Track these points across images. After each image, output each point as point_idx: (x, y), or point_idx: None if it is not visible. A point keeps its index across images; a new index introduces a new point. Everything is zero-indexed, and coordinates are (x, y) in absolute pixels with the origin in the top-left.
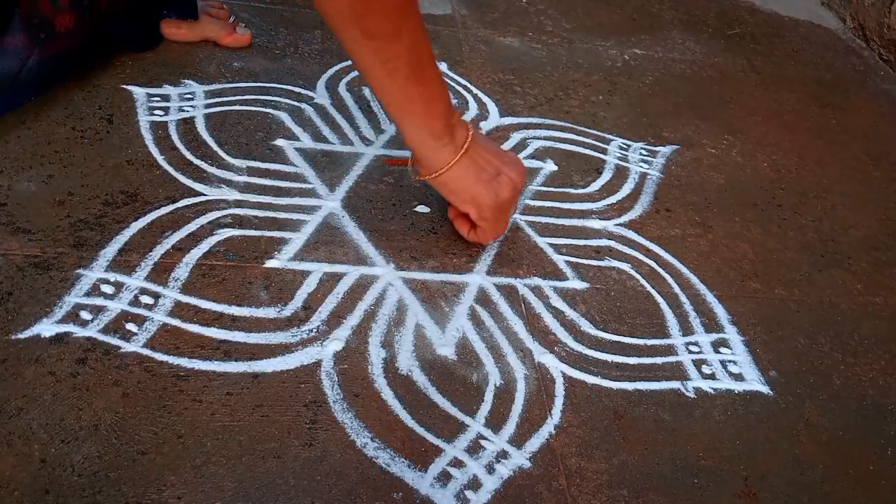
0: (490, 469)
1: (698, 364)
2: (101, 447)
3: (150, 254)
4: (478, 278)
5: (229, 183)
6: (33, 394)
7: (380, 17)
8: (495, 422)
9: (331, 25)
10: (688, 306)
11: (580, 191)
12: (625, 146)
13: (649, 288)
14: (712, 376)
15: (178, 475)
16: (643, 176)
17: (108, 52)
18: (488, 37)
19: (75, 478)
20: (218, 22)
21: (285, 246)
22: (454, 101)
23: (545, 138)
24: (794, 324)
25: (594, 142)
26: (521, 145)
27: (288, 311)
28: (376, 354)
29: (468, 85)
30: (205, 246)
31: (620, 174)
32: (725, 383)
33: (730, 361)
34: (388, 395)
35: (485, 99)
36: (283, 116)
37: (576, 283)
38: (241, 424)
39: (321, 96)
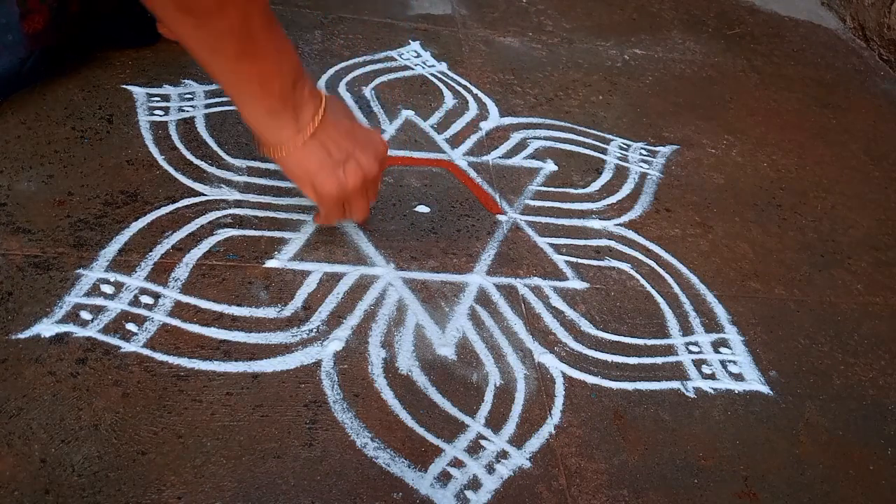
0: (490, 469)
1: (698, 364)
2: (101, 447)
3: (150, 254)
4: (478, 278)
5: (229, 183)
6: (33, 394)
7: None
8: (495, 422)
9: (145, 2)
10: (688, 306)
11: (580, 191)
12: (625, 146)
13: (649, 288)
14: (712, 376)
15: (178, 475)
16: (643, 176)
17: (103, 51)
18: (488, 37)
19: (75, 478)
20: None
21: (285, 246)
22: (454, 102)
23: (545, 138)
24: (794, 324)
25: (594, 142)
26: (521, 145)
27: (288, 311)
28: (376, 354)
29: (468, 85)
30: (205, 246)
31: (620, 174)
32: (725, 383)
33: (730, 361)
34: (388, 395)
35: (485, 99)
36: None
37: (576, 283)
38: (241, 424)
39: None
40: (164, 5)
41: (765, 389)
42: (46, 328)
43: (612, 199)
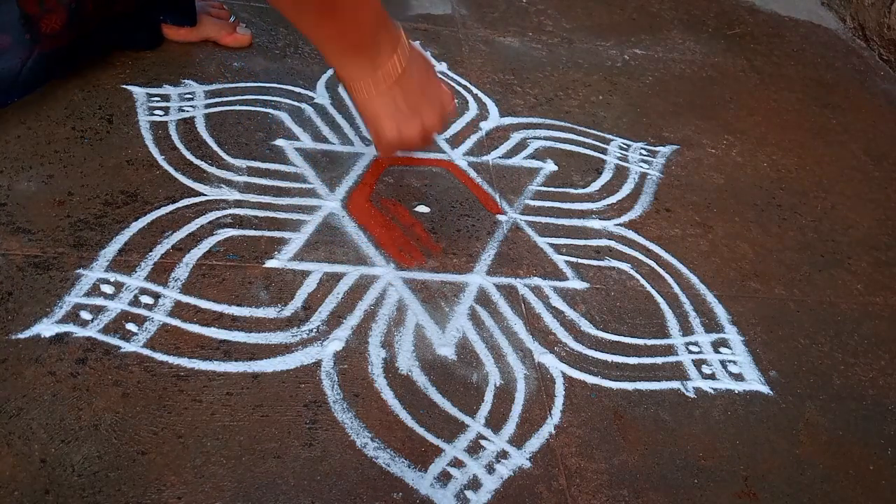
0: (490, 469)
1: (698, 364)
2: (101, 447)
3: (150, 254)
4: (478, 278)
5: (229, 183)
6: (33, 394)
7: None
8: (495, 422)
9: None
10: (688, 306)
11: (580, 191)
12: (625, 146)
13: (649, 288)
14: (712, 376)
15: (178, 475)
16: (643, 176)
17: (109, 52)
18: (488, 37)
19: (75, 478)
20: (218, 22)
21: (285, 246)
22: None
23: (545, 138)
24: (794, 324)
25: (594, 142)
26: (521, 145)
27: (288, 311)
28: (376, 354)
29: (468, 85)
30: (205, 246)
31: (620, 174)
32: (725, 383)
33: (730, 361)
34: (388, 395)
35: (485, 99)
36: (283, 116)
37: (576, 283)
38: (241, 424)
39: (321, 96)
40: None
41: (765, 389)
42: (46, 328)
43: (612, 199)
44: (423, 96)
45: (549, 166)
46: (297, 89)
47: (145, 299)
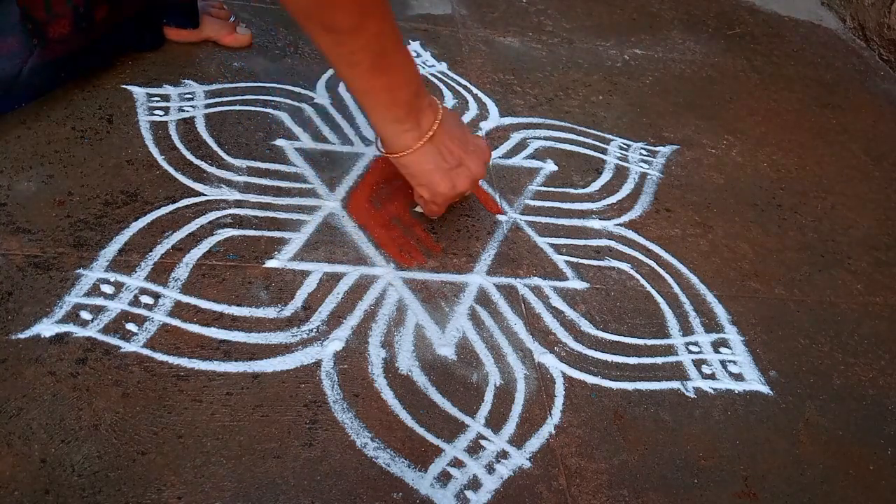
0: (490, 469)
1: (698, 364)
2: (101, 447)
3: (150, 254)
4: (478, 278)
5: (229, 183)
6: (33, 394)
7: (340, 12)
8: (495, 422)
9: (293, 17)
10: (688, 306)
11: (580, 191)
12: (625, 146)
13: (649, 288)
14: (712, 376)
15: (178, 475)
16: (643, 176)
17: (111, 56)
18: (488, 37)
19: (75, 478)
20: (218, 22)
21: (285, 246)
22: (453, 102)
23: (545, 138)
24: (794, 324)
25: (594, 142)
26: (521, 145)
27: (288, 311)
28: (376, 354)
29: (468, 85)
30: (205, 246)
31: (620, 174)
32: (725, 383)
33: (730, 361)
34: (388, 395)
35: (485, 99)
36: (283, 116)
37: (576, 283)
38: (241, 424)
39: (321, 96)
40: (309, 23)
41: (765, 389)
42: (46, 328)
43: (612, 199)
44: (464, 146)
45: (549, 166)
46: (297, 89)
47: (145, 299)
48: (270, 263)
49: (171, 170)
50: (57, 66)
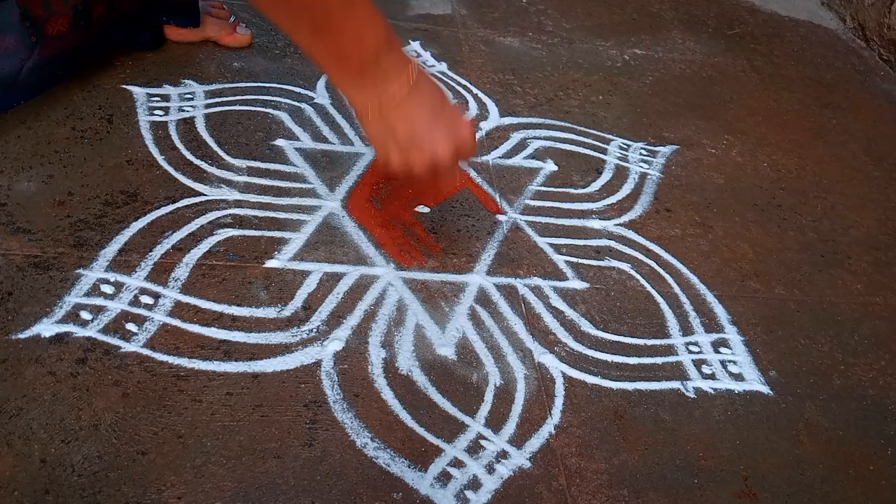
0: (490, 469)
1: (698, 364)
2: (101, 447)
3: (150, 254)
4: (478, 278)
5: (229, 183)
6: (33, 394)
7: None
8: (495, 422)
9: None
10: (688, 306)
11: (580, 191)
12: (625, 146)
13: (649, 288)
14: (712, 376)
15: (178, 475)
16: (643, 176)
17: (110, 53)
18: (488, 37)
19: (75, 478)
20: (218, 22)
21: (285, 246)
22: (453, 102)
23: (545, 138)
24: (794, 324)
25: (594, 142)
26: (521, 145)
27: (288, 311)
28: (376, 354)
29: (468, 85)
30: (205, 246)
31: (620, 174)
32: (725, 383)
33: (730, 361)
34: (388, 395)
35: (485, 99)
36: (283, 116)
37: (576, 283)
38: (241, 424)
39: (321, 96)
40: None
41: (765, 389)
42: (46, 328)
43: (612, 199)
44: (434, 124)
45: (549, 166)
46: (297, 89)
47: (145, 299)
48: (270, 263)
49: (171, 170)
50: (56, 64)
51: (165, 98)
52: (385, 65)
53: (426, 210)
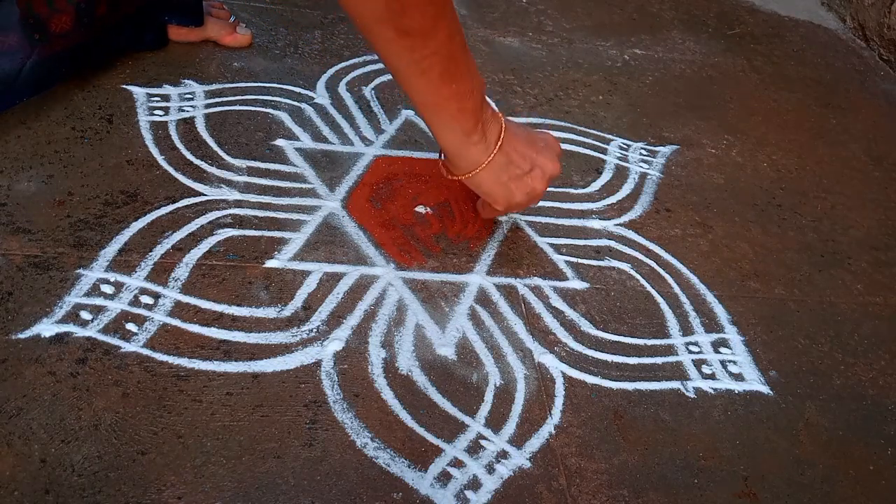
0: (490, 469)
1: (698, 364)
2: (101, 447)
3: (150, 254)
4: (478, 278)
5: (229, 183)
6: (33, 394)
7: (416, 13)
8: (495, 422)
9: (360, 25)
10: (688, 306)
11: (580, 191)
12: (625, 146)
13: (649, 288)
14: (712, 376)
15: (178, 475)
16: (643, 176)
17: (112, 54)
18: (488, 37)
19: (75, 478)
20: (218, 22)
21: (285, 246)
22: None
23: None
24: (794, 324)
25: (594, 142)
26: None
27: (288, 311)
28: (376, 354)
29: None
30: (205, 246)
31: (620, 174)
32: (725, 383)
33: (730, 361)
34: (388, 395)
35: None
36: (283, 116)
37: (576, 283)
38: (241, 424)
39: (321, 96)
40: (383, 30)
41: (765, 389)
42: (46, 328)
43: (612, 199)
44: (533, 146)
45: None
46: (297, 89)
47: (145, 299)
48: (270, 263)
49: (171, 170)
50: (58, 62)
51: (165, 98)
52: (486, 108)
53: (426, 210)
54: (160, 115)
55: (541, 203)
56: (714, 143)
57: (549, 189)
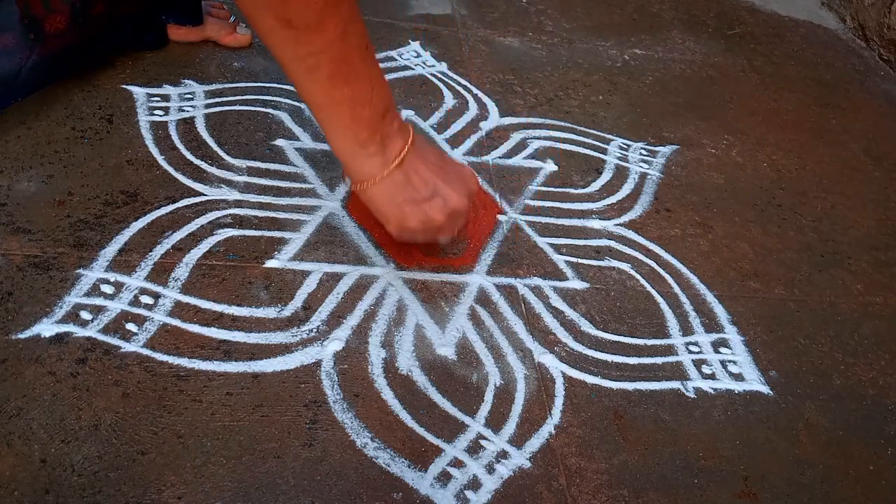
0: (490, 469)
1: (698, 364)
2: (101, 447)
3: (150, 254)
4: (478, 278)
5: (229, 183)
6: (33, 394)
7: (299, 4)
8: (495, 422)
9: (243, 10)
10: (688, 306)
11: (580, 191)
12: (625, 146)
13: (649, 288)
14: (712, 376)
15: (178, 475)
16: (643, 176)
17: (110, 53)
18: (488, 37)
19: (75, 478)
20: (218, 22)
21: (285, 246)
22: (453, 102)
23: (545, 138)
24: (794, 324)
25: (594, 142)
26: (521, 145)
27: (288, 311)
28: (376, 354)
29: (468, 85)
30: (205, 246)
31: (620, 174)
32: (725, 383)
33: (730, 361)
34: (388, 395)
35: (485, 99)
36: (283, 116)
37: (576, 283)
38: (241, 424)
39: None
40: (264, 18)
41: (765, 389)
42: (46, 328)
43: (612, 199)
44: (440, 173)
45: (549, 166)
46: None
47: (145, 299)
48: (270, 263)
49: (171, 170)
50: (53, 61)
51: (165, 98)
52: (390, 122)
53: None
54: (160, 115)
55: (541, 203)
56: (714, 143)
57: (549, 189)
